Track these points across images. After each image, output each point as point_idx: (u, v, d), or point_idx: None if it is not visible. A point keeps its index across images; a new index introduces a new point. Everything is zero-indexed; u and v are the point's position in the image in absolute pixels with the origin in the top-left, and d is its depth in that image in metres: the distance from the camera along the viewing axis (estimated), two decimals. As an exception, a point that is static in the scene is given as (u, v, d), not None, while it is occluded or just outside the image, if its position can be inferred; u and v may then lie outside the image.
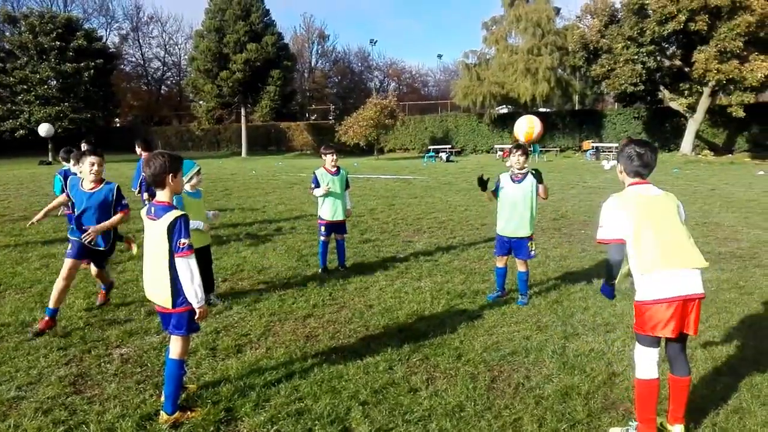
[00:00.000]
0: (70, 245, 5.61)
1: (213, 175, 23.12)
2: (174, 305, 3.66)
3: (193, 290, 3.59)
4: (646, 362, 3.47)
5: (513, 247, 6.21)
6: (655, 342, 3.46)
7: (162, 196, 3.66)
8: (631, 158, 3.54)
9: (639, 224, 3.42)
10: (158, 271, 3.63)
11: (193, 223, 5.86)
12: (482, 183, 6.28)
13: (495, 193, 6.34)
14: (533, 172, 6.12)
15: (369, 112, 37.87)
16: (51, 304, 5.41)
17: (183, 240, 3.53)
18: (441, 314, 5.84)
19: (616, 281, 3.66)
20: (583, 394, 4.07)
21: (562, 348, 4.91)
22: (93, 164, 5.47)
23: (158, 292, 3.69)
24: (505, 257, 6.33)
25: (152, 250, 3.67)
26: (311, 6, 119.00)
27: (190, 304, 3.65)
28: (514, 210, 6.11)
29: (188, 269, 3.57)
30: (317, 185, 7.48)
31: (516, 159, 6.10)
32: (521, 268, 6.22)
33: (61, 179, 8.44)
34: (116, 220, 5.59)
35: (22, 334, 5.28)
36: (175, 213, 3.58)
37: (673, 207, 3.52)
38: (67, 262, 5.51)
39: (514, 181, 6.17)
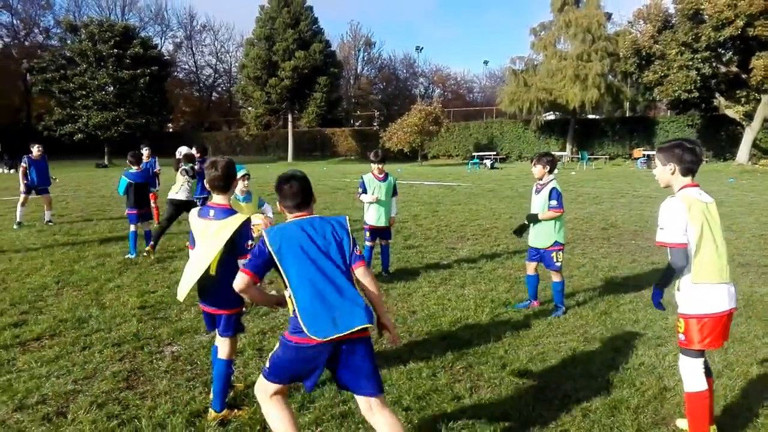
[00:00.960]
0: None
1: (260, 180, 23.54)
2: (223, 307, 3.74)
3: None
4: (696, 374, 3.38)
5: (541, 256, 6.15)
6: (701, 353, 3.40)
7: (221, 199, 3.77)
8: (683, 155, 3.41)
9: (701, 231, 3.31)
10: (207, 272, 3.70)
11: (254, 219, 5.98)
12: (520, 231, 6.48)
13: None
14: (528, 219, 6.15)
15: (413, 119, 37.98)
16: None
17: (250, 242, 3.61)
18: (485, 322, 5.79)
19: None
20: (632, 408, 3.96)
21: (610, 360, 4.79)
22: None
23: (208, 294, 3.78)
24: (535, 264, 6.26)
25: (203, 251, 3.73)
26: (358, 14, 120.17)
27: (238, 306, 3.73)
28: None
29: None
30: (364, 190, 7.53)
31: (537, 169, 6.08)
32: (555, 278, 6.13)
33: (127, 180, 8.80)
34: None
35: (79, 329, 5.50)
36: (242, 216, 3.69)
37: (718, 216, 3.45)
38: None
39: (535, 192, 6.18)
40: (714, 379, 3.67)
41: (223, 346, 3.85)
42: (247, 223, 3.67)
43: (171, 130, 61.43)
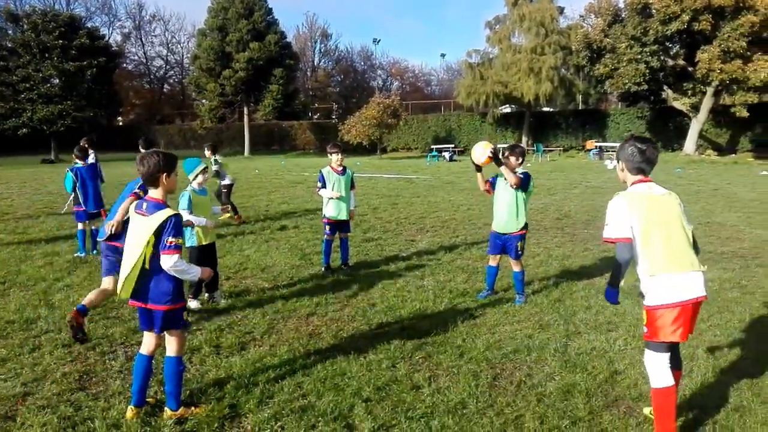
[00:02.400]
0: None
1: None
2: (160, 303, 3.62)
3: (185, 276, 3.60)
4: (661, 369, 3.40)
5: (505, 245, 6.22)
6: (666, 347, 3.41)
7: (155, 193, 3.65)
8: (633, 155, 3.47)
9: (647, 225, 3.35)
10: (137, 267, 3.58)
11: (198, 220, 5.91)
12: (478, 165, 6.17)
13: (492, 187, 6.30)
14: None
15: (372, 111, 37.93)
16: None
17: (171, 239, 3.49)
18: (443, 313, 5.86)
19: (621, 282, 3.56)
20: (584, 391, 4.08)
21: (564, 346, 4.92)
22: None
23: (143, 289, 3.65)
24: (498, 256, 6.34)
25: (133, 244, 3.61)
26: (314, 5, 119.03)
27: (180, 301, 3.68)
28: (506, 207, 6.14)
29: (175, 264, 3.50)
30: (323, 184, 7.50)
31: (511, 161, 6.09)
32: (516, 268, 6.24)
33: (73, 176, 8.45)
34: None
35: (27, 330, 5.32)
36: (168, 211, 3.55)
37: (677, 207, 3.46)
38: None
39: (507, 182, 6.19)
40: (682, 373, 3.70)
41: (170, 342, 3.75)
42: (173, 218, 3.53)
43: (121, 123, 59.67)
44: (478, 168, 6.18)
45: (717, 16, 27.43)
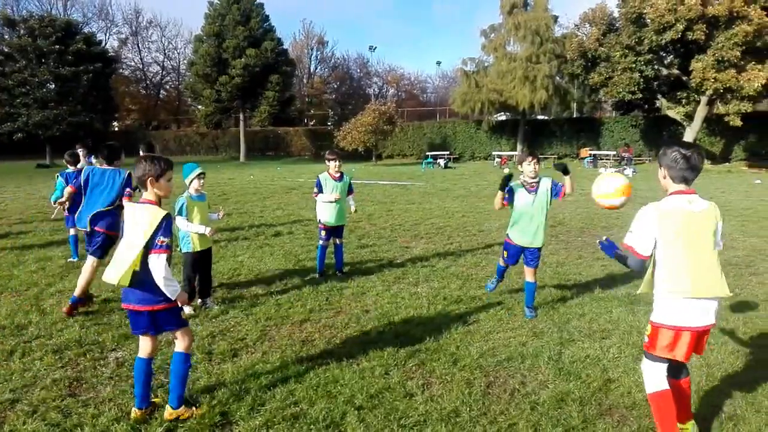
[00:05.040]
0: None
1: (210, 179, 23.12)
2: (152, 303, 3.65)
3: (164, 285, 3.56)
4: (657, 375, 3.34)
5: (525, 254, 6.03)
6: (665, 359, 3.35)
7: (147, 195, 3.72)
8: (676, 161, 3.20)
9: (675, 242, 3.19)
10: (135, 264, 3.59)
11: (197, 227, 5.88)
12: (506, 181, 5.83)
13: (509, 200, 5.96)
14: (559, 165, 5.93)
15: (367, 118, 38.01)
16: None
17: (163, 239, 3.55)
18: (437, 320, 5.84)
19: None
20: (578, 400, 4.07)
21: (557, 354, 4.91)
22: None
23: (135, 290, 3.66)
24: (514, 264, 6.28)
25: (131, 242, 3.63)
26: (311, 12, 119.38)
27: (172, 301, 3.67)
28: (531, 221, 5.89)
29: (161, 267, 3.52)
30: (320, 190, 7.49)
31: (531, 167, 5.81)
32: (530, 278, 6.02)
33: (63, 182, 8.38)
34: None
35: (18, 336, 5.27)
36: (161, 211, 3.62)
37: (712, 226, 3.25)
38: None
39: (529, 192, 5.89)
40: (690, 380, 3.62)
41: (178, 338, 3.81)
42: (165, 218, 3.58)
43: (117, 128, 59.53)
44: (504, 185, 5.79)
45: (711, 26, 27.61)
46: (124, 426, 3.65)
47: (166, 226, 3.58)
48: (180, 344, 3.80)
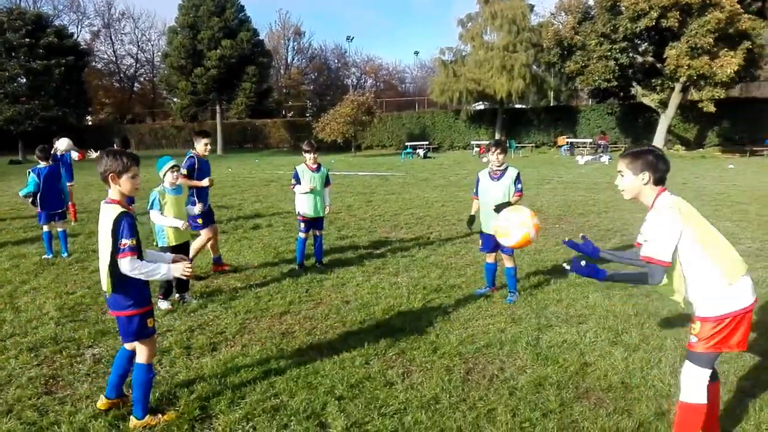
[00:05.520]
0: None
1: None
2: (119, 309, 3.54)
3: (147, 276, 3.47)
4: (700, 384, 3.13)
5: (497, 242, 6.15)
6: (712, 362, 3.17)
7: (111, 194, 3.52)
8: (656, 164, 3.18)
9: (706, 230, 3.13)
10: (105, 267, 3.50)
11: (170, 221, 5.81)
12: (471, 222, 6.63)
13: (476, 192, 6.35)
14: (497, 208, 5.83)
15: (346, 109, 37.85)
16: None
17: (124, 241, 3.38)
18: (417, 309, 5.87)
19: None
20: (555, 384, 4.13)
21: (535, 340, 4.97)
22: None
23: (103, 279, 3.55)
24: (494, 253, 6.28)
25: (102, 241, 3.52)
26: (287, 2, 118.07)
27: (139, 308, 3.55)
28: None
29: (127, 267, 3.39)
30: (298, 181, 7.45)
31: (495, 157, 6.04)
32: (508, 263, 6.14)
33: (36, 177, 8.29)
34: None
35: (-9, 335, 5.18)
36: (118, 210, 3.43)
37: None
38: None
39: (492, 179, 6.14)
40: (720, 384, 3.48)
41: (138, 349, 3.66)
42: (123, 218, 3.41)
43: (90, 122, 58.52)
44: (470, 225, 6.71)
45: (684, 13, 27.92)
46: (102, 423, 3.62)
47: (126, 225, 3.39)
48: (141, 355, 3.64)
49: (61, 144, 9.76)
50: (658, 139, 32.24)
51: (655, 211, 3.13)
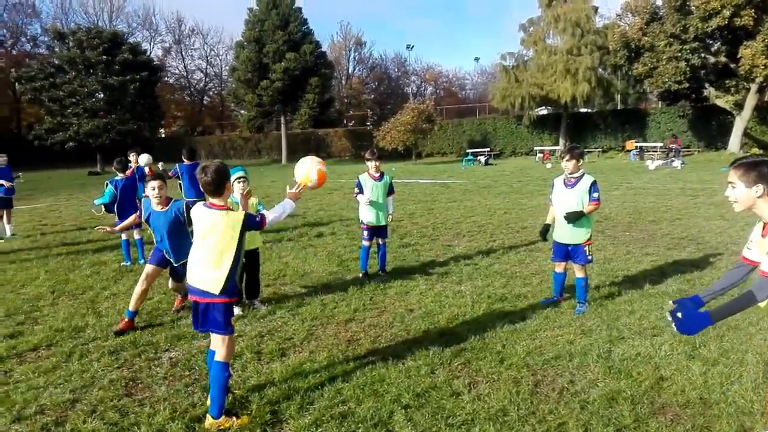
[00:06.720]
0: (152, 252, 6.04)
1: (254, 182, 23.52)
2: (221, 292, 3.77)
3: (290, 210, 4.45)
4: None
5: (570, 252, 5.99)
6: None
7: (218, 201, 3.86)
8: None
9: None
10: (212, 259, 3.77)
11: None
12: (545, 232, 6.32)
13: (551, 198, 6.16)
14: (568, 218, 5.84)
15: (406, 117, 38.04)
16: (131, 307, 5.79)
17: (257, 218, 3.95)
18: (482, 318, 5.80)
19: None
20: (629, 398, 3.98)
21: (607, 352, 4.81)
22: (154, 188, 5.83)
23: (208, 276, 3.79)
24: (564, 263, 6.13)
25: (209, 242, 3.81)
26: (348, 14, 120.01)
27: (234, 296, 3.93)
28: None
29: (274, 220, 4.13)
30: (361, 190, 7.54)
31: (565, 164, 5.87)
32: (579, 273, 5.98)
33: (113, 188, 8.74)
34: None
35: (76, 338, 5.49)
36: (241, 213, 3.88)
37: None
38: (147, 268, 5.94)
39: (566, 186, 5.92)
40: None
41: (218, 347, 3.85)
42: (248, 215, 3.88)
43: (164, 135, 61.24)
44: (544, 237, 6.32)
45: (760, 11, 26.52)
46: (179, 425, 3.76)
47: (252, 218, 3.93)
48: (219, 353, 3.84)
49: (142, 159, 10.34)
50: (734, 143, 30.70)
51: None
